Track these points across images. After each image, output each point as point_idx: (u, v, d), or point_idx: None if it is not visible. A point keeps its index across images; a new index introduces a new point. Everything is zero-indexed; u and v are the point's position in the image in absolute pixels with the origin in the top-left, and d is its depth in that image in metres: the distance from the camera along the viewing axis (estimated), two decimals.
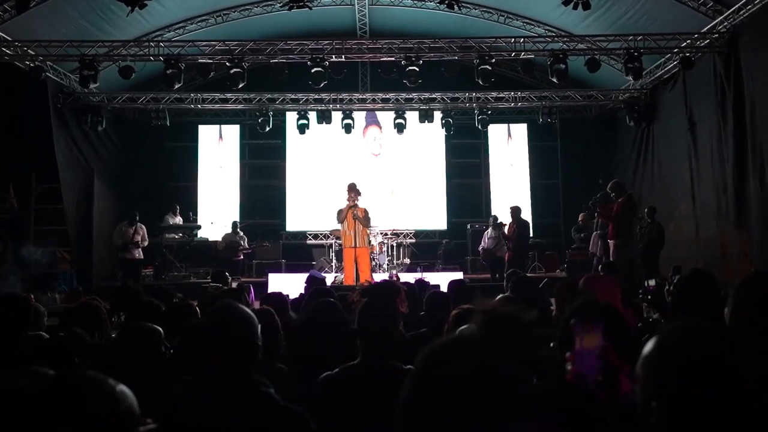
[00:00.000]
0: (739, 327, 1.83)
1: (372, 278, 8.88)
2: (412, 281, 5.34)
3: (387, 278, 9.01)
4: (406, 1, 11.46)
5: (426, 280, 5.61)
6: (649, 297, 4.54)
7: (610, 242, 8.31)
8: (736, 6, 8.65)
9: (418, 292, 4.10)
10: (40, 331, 3.90)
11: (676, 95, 10.68)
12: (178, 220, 12.44)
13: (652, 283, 6.99)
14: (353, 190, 9.13)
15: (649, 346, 1.09)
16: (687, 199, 10.16)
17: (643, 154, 11.94)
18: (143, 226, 10.73)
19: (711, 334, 1.07)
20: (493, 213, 11.87)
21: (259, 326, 1.96)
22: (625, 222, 8.24)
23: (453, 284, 4.50)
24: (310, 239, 13.53)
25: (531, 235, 12.93)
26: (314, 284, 4.76)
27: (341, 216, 9.08)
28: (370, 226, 9.34)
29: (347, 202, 9.10)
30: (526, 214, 13.05)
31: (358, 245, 9.03)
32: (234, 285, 6.30)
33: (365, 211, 9.17)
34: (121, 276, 10.66)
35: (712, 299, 2.71)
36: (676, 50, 9.97)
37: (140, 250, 10.66)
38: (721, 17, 8.97)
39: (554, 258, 12.58)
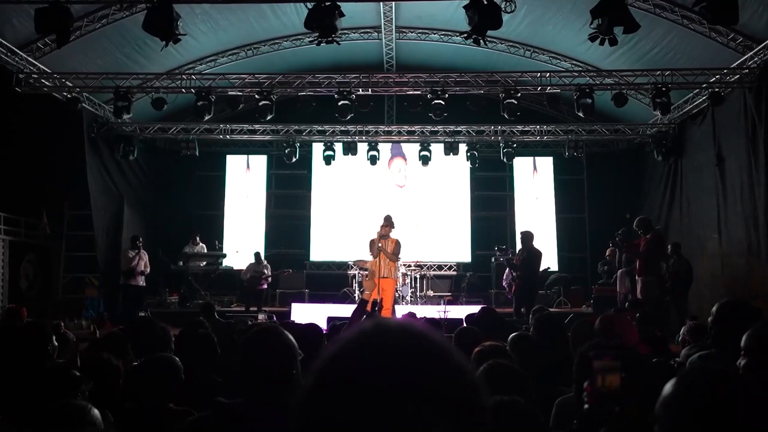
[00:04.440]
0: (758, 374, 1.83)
1: (393, 311, 8.81)
2: (437, 316, 5.28)
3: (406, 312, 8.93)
4: (432, 35, 11.62)
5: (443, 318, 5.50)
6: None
7: (638, 279, 8.19)
8: (767, 42, 8.58)
9: (443, 330, 4.03)
10: (71, 358, 3.93)
11: (704, 130, 10.56)
12: (200, 248, 12.53)
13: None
14: (386, 222, 9.01)
15: (668, 389, 1.11)
16: (714, 235, 9.95)
17: (671, 188, 11.77)
18: (146, 253, 10.52)
19: (729, 380, 1.09)
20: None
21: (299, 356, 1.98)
22: (652, 259, 8.15)
23: (482, 313, 4.38)
24: (333, 269, 13.55)
25: (554, 269, 12.80)
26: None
27: (372, 247, 8.96)
28: (395, 260, 9.08)
29: (378, 232, 8.96)
30: (551, 248, 12.90)
31: (383, 275, 8.89)
32: (261, 317, 6.29)
33: (395, 244, 8.86)
34: (122, 303, 10.45)
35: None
36: (704, 85, 9.89)
37: (143, 277, 10.36)
38: (751, 53, 8.89)
39: (580, 293, 12.38)
